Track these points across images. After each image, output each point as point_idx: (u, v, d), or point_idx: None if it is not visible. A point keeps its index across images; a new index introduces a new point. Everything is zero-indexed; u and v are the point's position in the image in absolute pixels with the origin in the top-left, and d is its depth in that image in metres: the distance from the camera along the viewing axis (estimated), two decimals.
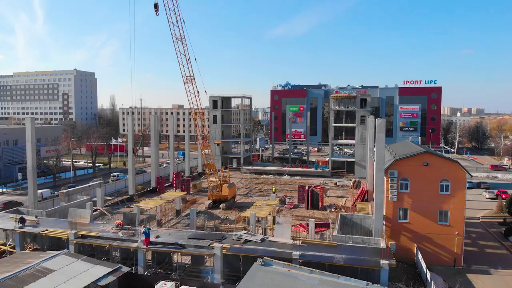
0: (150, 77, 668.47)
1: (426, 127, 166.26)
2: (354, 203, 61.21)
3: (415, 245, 42.65)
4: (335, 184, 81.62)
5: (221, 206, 59.41)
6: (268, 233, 47.51)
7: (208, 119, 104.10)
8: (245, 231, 36.32)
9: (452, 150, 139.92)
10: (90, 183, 79.16)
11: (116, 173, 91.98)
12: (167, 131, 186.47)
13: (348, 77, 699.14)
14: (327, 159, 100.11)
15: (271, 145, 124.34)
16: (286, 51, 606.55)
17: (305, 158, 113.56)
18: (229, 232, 47.36)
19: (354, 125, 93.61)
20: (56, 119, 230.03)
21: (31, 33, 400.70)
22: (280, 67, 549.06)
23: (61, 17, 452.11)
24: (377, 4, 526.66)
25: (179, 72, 53.37)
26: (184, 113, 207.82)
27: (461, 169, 41.98)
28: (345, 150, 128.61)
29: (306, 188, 61.00)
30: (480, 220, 61.34)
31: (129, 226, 38.64)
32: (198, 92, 53.09)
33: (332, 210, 58.94)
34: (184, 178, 72.63)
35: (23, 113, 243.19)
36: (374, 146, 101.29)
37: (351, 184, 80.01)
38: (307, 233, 47.78)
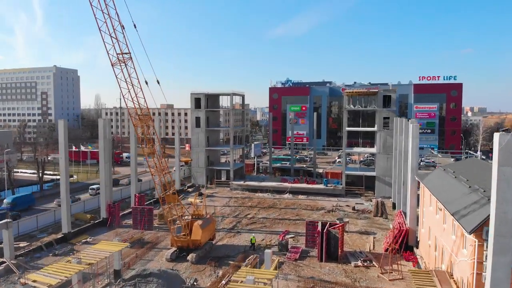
0: None
1: (445, 129, 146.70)
2: (391, 250, 40.97)
3: None
4: (353, 208, 61.34)
5: (189, 257, 38.88)
6: None
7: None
8: None
9: (483, 156, 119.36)
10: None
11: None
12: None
13: (349, 76, 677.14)
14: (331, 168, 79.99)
15: (269, 151, 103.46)
16: (286, 51, 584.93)
17: (305, 165, 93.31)
18: None
19: (373, 129, 73.60)
20: (34, 120, 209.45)
21: (31, 33, 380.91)
22: (280, 67, 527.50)
23: (61, 17, 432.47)
24: (377, 4, 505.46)
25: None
26: (173, 114, 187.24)
27: None
28: (354, 159, 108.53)
29: (319, 228, 40.69)
30: None
31: None
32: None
33: (359, 263, 38.65)
34: (145, 207, 51.45)
35: None
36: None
37: (373, 208, 59.93)
38: None
